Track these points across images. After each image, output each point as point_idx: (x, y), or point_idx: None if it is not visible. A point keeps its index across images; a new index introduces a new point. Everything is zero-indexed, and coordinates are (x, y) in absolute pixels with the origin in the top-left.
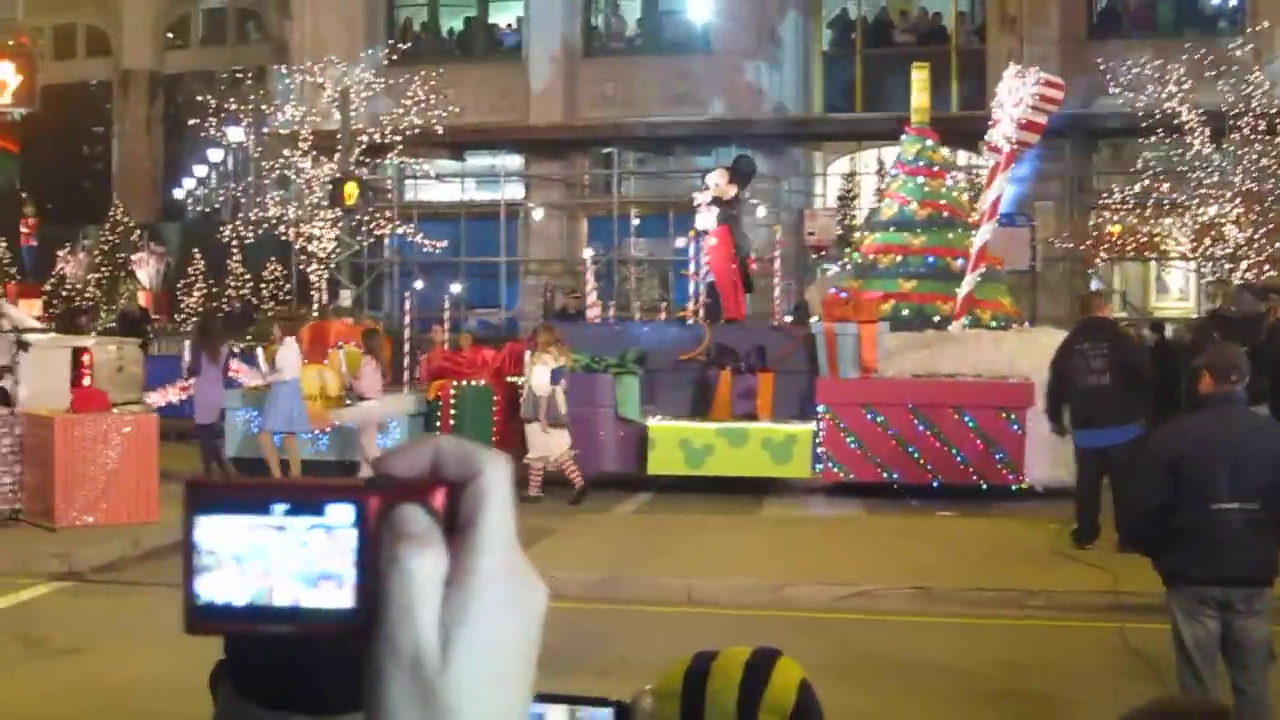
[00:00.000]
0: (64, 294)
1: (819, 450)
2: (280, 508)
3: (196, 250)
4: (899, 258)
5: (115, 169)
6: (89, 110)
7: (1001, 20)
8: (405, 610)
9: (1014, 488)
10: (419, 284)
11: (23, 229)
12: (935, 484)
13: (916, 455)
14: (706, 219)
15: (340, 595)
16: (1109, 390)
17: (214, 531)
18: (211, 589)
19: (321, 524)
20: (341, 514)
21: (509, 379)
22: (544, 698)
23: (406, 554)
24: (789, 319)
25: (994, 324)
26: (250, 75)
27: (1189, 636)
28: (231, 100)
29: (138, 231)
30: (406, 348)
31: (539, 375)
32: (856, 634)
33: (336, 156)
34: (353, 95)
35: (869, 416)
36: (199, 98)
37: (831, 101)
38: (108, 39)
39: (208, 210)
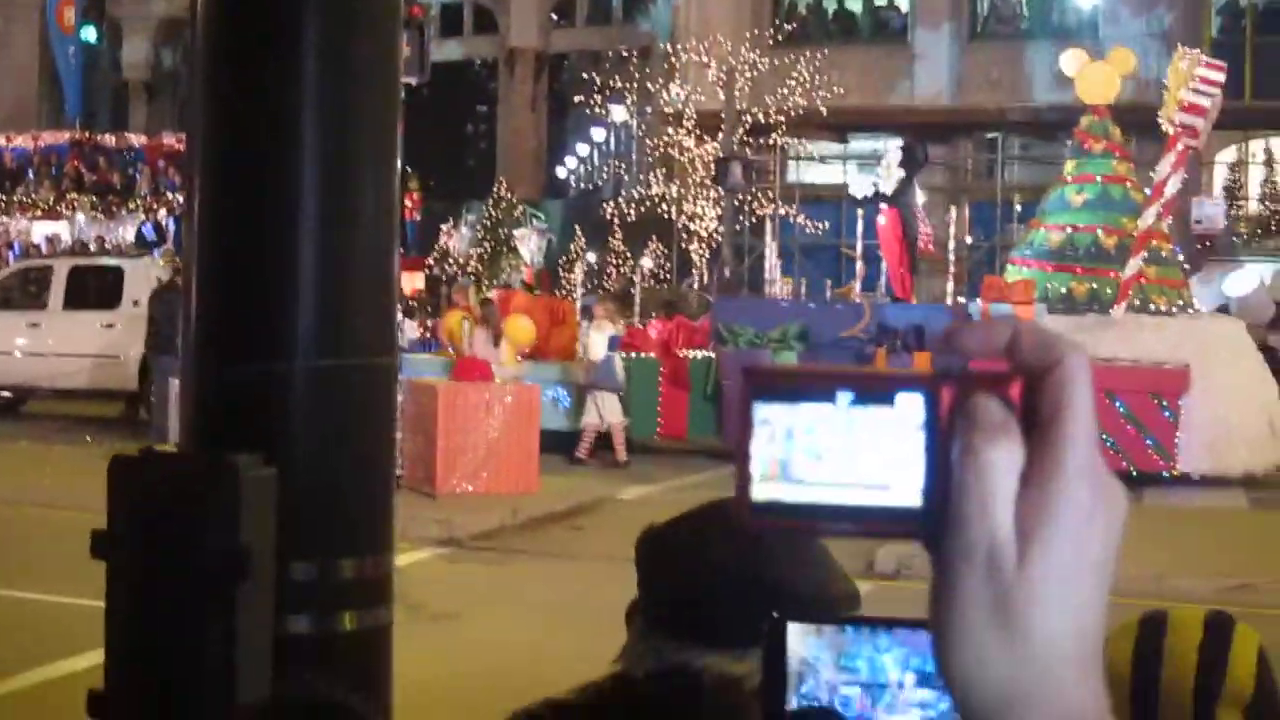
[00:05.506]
0: (447, 268)
1: None
2: (846, 396)
3: (578, 227)
4: (1070, 236)
5: (499, 146)
6: (474, 88)
7: None
8: (982, 505)
9: (1166, 474)
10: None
11: (406, 204)
12: None
13: None
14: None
15: (908, 493)
16: None
17: (773, 421)
18: (770, 483)
19: (890, 414)
20: (912, 404)
21: (676, 352)
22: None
23: (984, 444)
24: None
25: (1161, 307)
26: (635, 54)
27: None
28: (616, 79)
29: (520, 208)
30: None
31: (596, 343)
32: None
33: (720, 136)
34: (738, 75)
35: None
36: (584, 76)
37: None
38: (494, 17)
39: (590, 188)
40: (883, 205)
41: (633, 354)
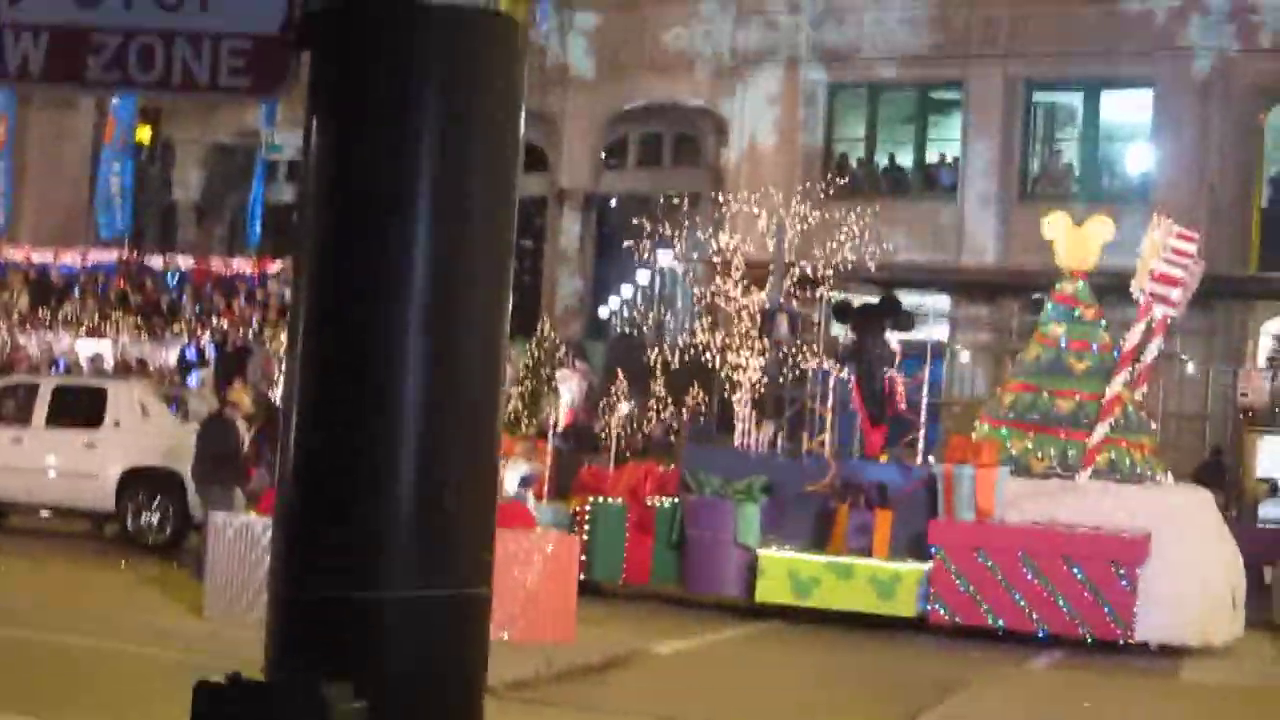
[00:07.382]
0: None
1: (929, 591)
2: None
3: (620, 370)
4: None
5: (545, 285)
6: (522, 225)
7: None
8: None
9: (1122, 643)
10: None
11: None
12: (1040, 634)
13: (1022, 603)
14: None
15: None
16: None
17: None
18: None
19: None
20: None
21: (645, 500)
22: None
23: None
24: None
25: (1128, 471)
26: (683, 200)
27: None
28: (664, 224)
29: (563, 347)
30: None
31: (510, 478)
32: None
33: (768, 287)
34: (787, 226)
35: (980, 560)
36: (632, 220)
37: (1268, 260)
38: (546, 157)
39: (633, 332)
40: (848, 364)
41: (600, 499)
